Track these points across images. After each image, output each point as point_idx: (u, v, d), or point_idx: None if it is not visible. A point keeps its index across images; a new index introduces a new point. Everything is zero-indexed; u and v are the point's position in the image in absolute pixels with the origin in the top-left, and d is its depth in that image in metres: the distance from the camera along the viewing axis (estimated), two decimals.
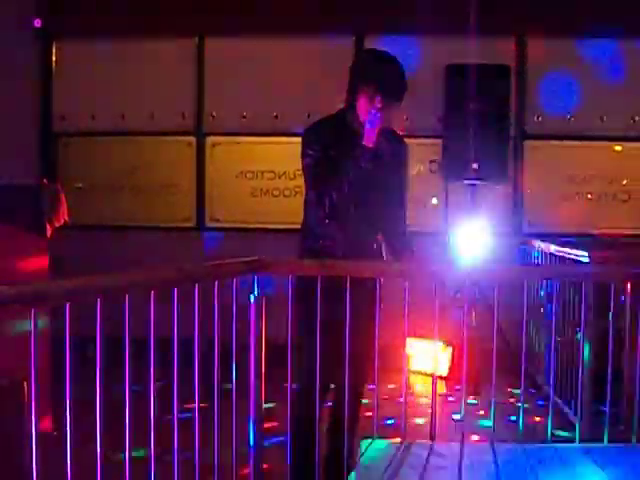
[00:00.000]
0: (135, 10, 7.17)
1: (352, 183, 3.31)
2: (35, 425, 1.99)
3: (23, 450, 2.08)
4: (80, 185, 7.42)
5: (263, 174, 7.41)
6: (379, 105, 3.33)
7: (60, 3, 7.29)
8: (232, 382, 2.93)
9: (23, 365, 2.08)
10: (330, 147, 3.39)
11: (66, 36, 7.43)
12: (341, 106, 3.54)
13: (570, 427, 4.36)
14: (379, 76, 3.37)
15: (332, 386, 3.43)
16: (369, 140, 3.35)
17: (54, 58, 7.52)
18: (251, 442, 3.06)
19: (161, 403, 2.55)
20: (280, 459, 3.21)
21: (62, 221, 4.15)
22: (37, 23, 7.23)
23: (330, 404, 3.50)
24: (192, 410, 2.71)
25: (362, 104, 3.39)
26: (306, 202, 3.55)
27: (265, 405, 3.13)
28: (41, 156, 7.52)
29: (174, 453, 2.62)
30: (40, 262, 4.01)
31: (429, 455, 2.82)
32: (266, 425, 3.11)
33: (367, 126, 3.35)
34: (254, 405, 3.04)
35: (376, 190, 3.46)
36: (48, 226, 4.06)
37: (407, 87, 3.41)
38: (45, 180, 4.55)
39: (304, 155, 3.44)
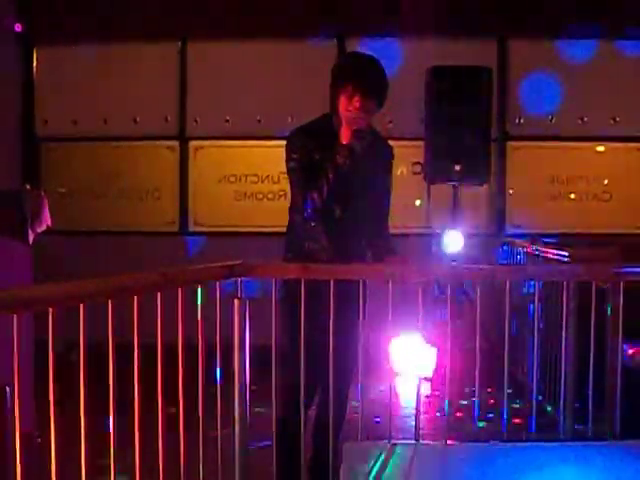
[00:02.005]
0: (117, 14, 7.17)
1: (332, 182, 3.32)
2: (18, 430, 1.99)
3: (6, 454, 2.08)
4: (63, 190, 7.39)
5: (247, 178, 7.42)
6: (357, 104, 3.30)
7: (41, 8, 7.26)
8: (217, 385, 2.94)
9: (5, 370, 2.07)
10: (314, 151, 3.39)
11: (48, 41, 7.42)
12: (325, 110, 3.54)
13: (553, 425, 4.39)
14: (357, 75, 3.33)
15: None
16: (344, 137, 3.35)
17: (35, 63, 7.50)
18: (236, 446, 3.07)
19: (147, 407, 2.56)
20: (267, 462, 3.22)
21: (45, 226, 4.14)
22: (18, 28, 7.20)
23: (315, 406, 3.51)
24: (177, 413, 2.71)
25: (342, 104, 3.36)
26: (291, 206, 3.56)
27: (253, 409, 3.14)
28: (24, 161, 7.49)
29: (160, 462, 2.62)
30: (23, 267, 4.00)
31: (414, 455, 2.84)
32: (252, 428, 3.12)
33: (343, 123, 3.36)
34: (239, 408, 3.05)
35: (360, 192, 3.46)
36: (31, 231, 4.04)
37: (387, 86, 3.38)
38: (28, 185, 4.53)
39: (289, 160, 3.44)
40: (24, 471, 1.98)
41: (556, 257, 4.85)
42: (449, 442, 3.06)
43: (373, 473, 2.64)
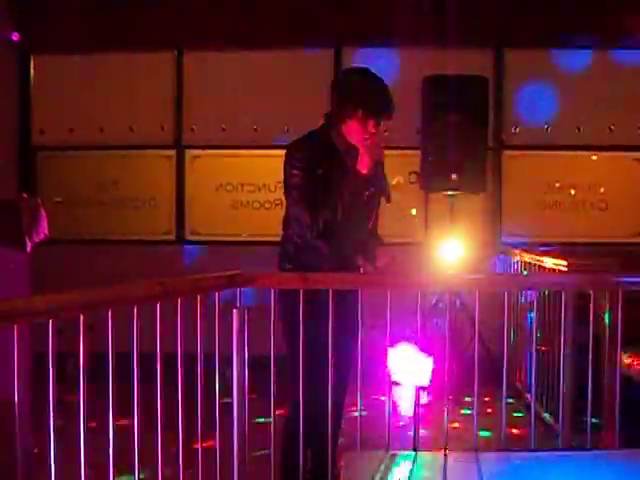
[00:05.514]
0: (114, 23, 7.17)
1: (345, 207, 3.31)
2: (19, 441, 1.99)
3: (10, 468, 2.07)
4: (59, 199, 7.38)
5: (243, 187, 7.41)
6: (373, 130, 3.31)
7: (38, 17, 7.26)
8: (215, 396, 2.93)
9: (3, 382, 2.07)
10: (317, 166, 3.36)
11: (45, 49, 7.41)
12: (321, 121, 3.52)
13: (552, 435, 4.39)
14: (372, 101, 3.33)
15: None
16: (364, 166, 3.32)
17: (32, 72, 7.50)
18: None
19: (146, 419, 2.55)
20: (264, 470, 3.21)
21: (42, 236, 4.12)
22: (15, 37, 7.20)
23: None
24: (176, 425, 2.71)
25: (353, 127, 3.36)
26: (288, 217, 3.53)
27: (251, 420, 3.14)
28: (20, 170, 7.47)
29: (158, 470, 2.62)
30: (20, 277, 3.98)
31: (413, 465, 2.83)
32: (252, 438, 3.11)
33: (362, 151, 3.32)
34: (237, 419, 3.04)
35: (363, 207, 3.46)
36: (28, 241, 4.03)
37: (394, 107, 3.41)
38: (25, 194, 4.51)
39: (291, 175, 3.40)
40: None
41: (553, 267, 4.85)
42: (447, 452, 3.06)
43: None
